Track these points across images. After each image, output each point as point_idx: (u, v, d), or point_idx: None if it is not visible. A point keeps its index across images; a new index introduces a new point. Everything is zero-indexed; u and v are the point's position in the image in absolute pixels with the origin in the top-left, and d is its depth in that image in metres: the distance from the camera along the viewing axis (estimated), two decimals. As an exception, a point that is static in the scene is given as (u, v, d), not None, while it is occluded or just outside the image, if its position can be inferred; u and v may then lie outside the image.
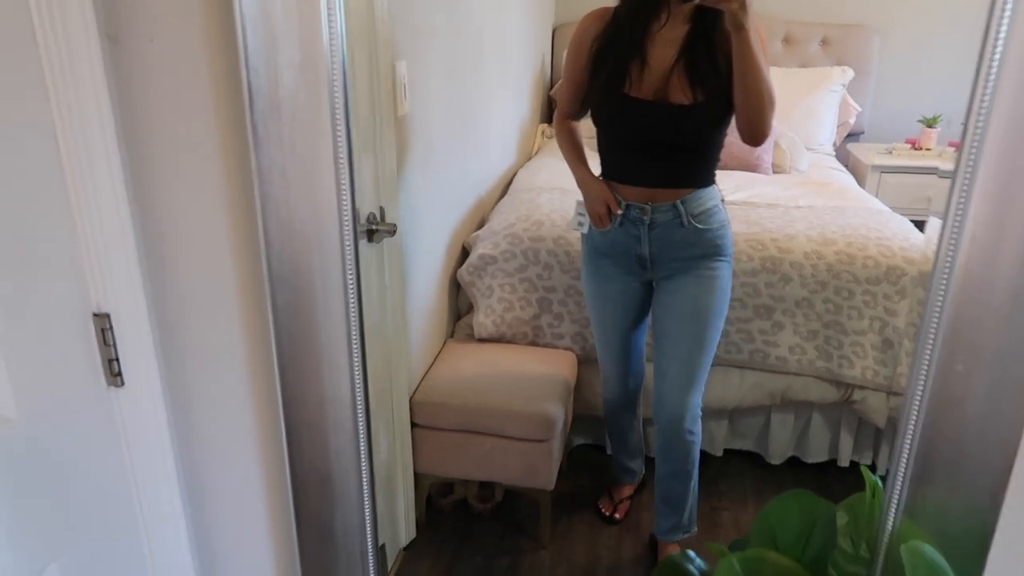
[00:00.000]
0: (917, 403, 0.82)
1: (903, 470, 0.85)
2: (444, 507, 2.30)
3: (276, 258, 0.88)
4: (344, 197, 0.84)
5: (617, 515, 2.28)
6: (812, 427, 2.48)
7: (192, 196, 0.94)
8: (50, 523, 0.93)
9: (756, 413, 2.50)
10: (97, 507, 1.00)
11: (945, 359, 0.79)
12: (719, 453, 2.54)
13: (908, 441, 0.82)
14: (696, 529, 2.08)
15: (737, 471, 2.53)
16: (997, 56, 0.69)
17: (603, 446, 2.56)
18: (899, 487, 0.87)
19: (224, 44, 0.85)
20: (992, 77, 0.67)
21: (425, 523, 2.23)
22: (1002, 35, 0.68)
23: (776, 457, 2.52)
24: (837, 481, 2.47)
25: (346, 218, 0.85)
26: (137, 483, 1.02)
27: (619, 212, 1.79)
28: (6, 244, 0.82)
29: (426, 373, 2.22)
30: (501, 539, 2.22)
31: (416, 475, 2.13)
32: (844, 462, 2.49)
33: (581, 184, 1.86)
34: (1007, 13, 0.65)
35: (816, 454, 2.50)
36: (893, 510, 0.88)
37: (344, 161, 0.82)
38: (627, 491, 2.34)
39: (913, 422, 0.83)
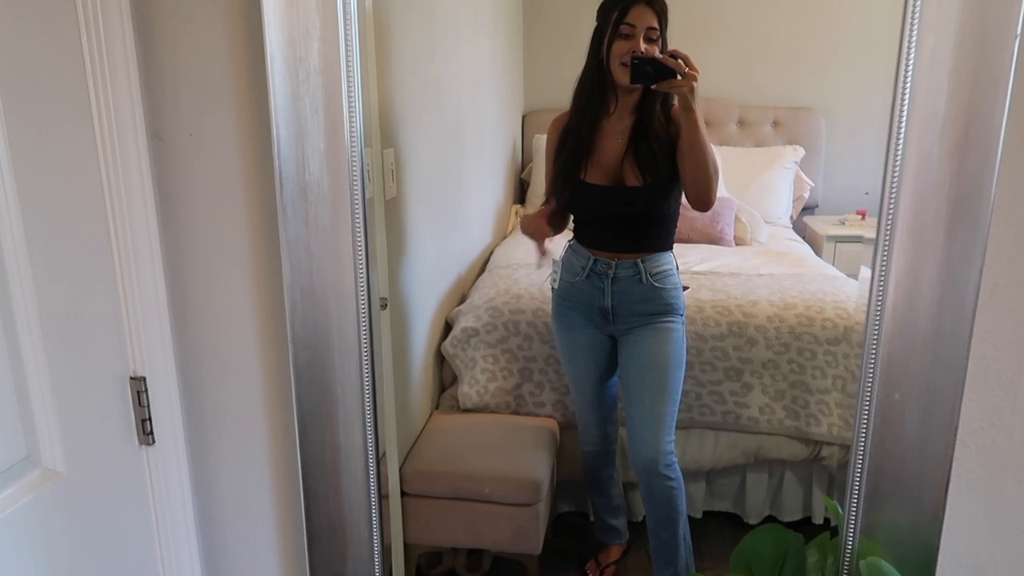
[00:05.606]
0: (864, 429, 0.94)
1: (857, 491, 0.97)
2: (433, 578, 2.33)
3: (299, 321, 0.99)
4: (360, 264, 0.96)
5: (604, 578, 2.34)
6: (785, 485, 2.57)
7: (221, 271, 1.05)
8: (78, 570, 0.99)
9: (732, 473, 2.59)
10: (123, 556, 1.06)
11: (884, 390, 0.92)
12: (699, 515, 2.61)
13: (859, 463, 0.94)
14: None
15: (717, 532, 2.60)
16: (901, 140, 0.85)
17: (587, 513, 2.62)
18: (855, 507, 0.98)
19: (256, 135, 0.99)
20: (899, 156, 0.83)
21: (415, 594, 2.26)
22: (904, 117, 0.84)
23: (753, 516, 2.60)
24: (812, 538, 2.54)
25: (361, 283, 0.97)
26: (160, 537, 1.09)
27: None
28: (62, 315, 0.92)
29: (414, 443, 2.29)
30: (491, 607, 2.26)
31: (405, 546, 2.17)
32: (818, 519, 2.57)
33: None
34: (906, 104, 0.81)
35: (791, 512, 2.59)
36: (852, 529, 0.99)
37: (361, 234, 0.95)
38: (614, 554, 2.40)
39: (863, 447, 0.95)
